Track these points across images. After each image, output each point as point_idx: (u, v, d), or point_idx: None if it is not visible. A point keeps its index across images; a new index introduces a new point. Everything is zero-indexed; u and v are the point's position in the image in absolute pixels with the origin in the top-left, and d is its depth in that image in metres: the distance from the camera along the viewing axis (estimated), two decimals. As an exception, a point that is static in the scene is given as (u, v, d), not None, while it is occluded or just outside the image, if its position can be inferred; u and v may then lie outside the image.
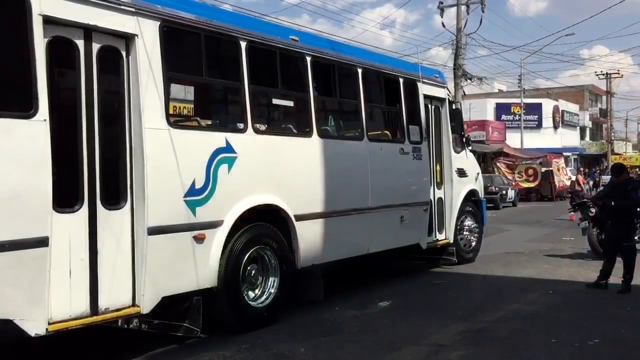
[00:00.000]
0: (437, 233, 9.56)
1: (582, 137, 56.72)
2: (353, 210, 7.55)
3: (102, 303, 4.85)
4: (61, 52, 4.78)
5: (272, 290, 6.32)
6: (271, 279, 6.35)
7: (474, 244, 10.45)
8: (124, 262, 5.04)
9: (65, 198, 4.65)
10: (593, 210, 10.30)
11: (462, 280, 8.94)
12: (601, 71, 50.24)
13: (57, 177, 4.47)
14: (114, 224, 4.98)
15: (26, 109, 4.37)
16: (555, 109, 48.99)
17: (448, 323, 6.33)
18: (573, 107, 53.64)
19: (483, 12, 25.64)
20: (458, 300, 7.56)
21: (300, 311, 6.75)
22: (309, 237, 6.79)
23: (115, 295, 4.95)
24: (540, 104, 47.24)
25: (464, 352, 5.34)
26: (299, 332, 6.01)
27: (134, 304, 5.08)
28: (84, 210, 4.78)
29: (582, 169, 41.76)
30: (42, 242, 4.37)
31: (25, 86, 4.40)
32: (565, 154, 41.96)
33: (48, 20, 4.54)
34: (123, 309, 5.01)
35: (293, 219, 6.55)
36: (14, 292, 4.27)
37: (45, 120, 4.42)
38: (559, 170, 32.60)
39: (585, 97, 58.30)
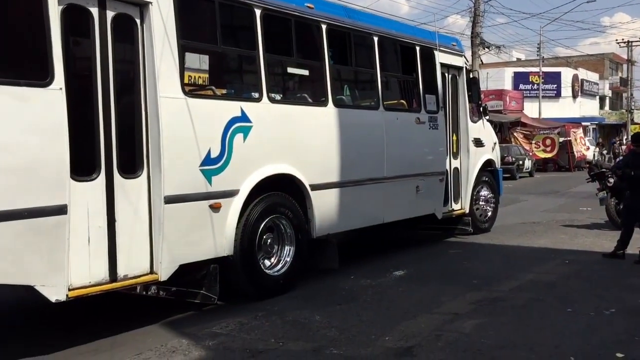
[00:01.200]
0: (453, 203, 9.53)
1: (602, 107, 55.84)
2: (368, 180, 7.54)
3: (121, 270, 4.92)
4: (76, 20, 4.77)
5: (288, 259, 6.37)
6: (287, 248, 6.39)
7: (489, 214, 10.41)
8: (142, 230, 5.09)
9: (82, 166, 4.68)
10: (611, 180, 10.19)
11: (477, 250, 8.94)
12: (622, 39, 49.27)
13: (74, 145, 4.50)
14: (131, 192, 5.02)
15: (42, 78, 4.38)
16: (575, 78, 48.16)
17: (463, 292, 6.35)
18: (593, 76, 52.70)
19: (502, -22, 25.10)
20: (473, 269, 7.57)
21: (316, 280, 6.81)
22: (325, 207, 6.81)
23: (133, 263, 5.01)
24: (559, 73, 46.46)
25: (478, 321, 5.36)
26: (314, 300, 6.07)
27: (151, 271, 5.14)
28: (101, 178, 4.82)
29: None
30: (61, 210, 4.42)
31: (41, 54, 4.41)
32: (584, 123, 41.37)
33: (62, -12, 4.51)
34: (141, 276, 5.08)
35: (308, 188, 6.55)
36: (34, 259, 4.35)
37: (61, 88, 4.43)
38: (577, 140, 32.23)
39: (606, 66, 57.24)
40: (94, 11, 4.81)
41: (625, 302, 5.99)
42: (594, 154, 32.65)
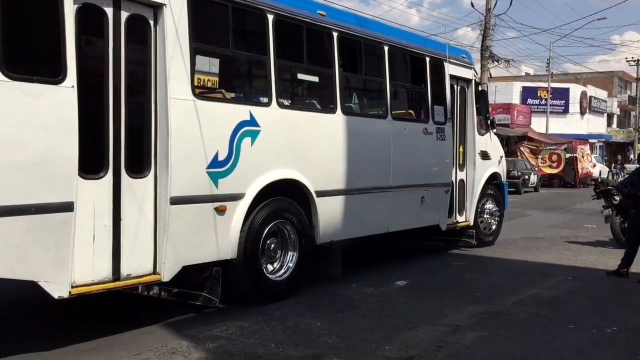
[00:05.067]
0: (458, 215, 9.53)
1: (609, 124, 55.75)
2: (374, 189, 7.54)
3: (124, 269, 4.93)
4: (90, 20, 4.80)
5: (291, 265, 6.38)
6: (290, 253, 6.40)
7: (494, 227, 10.39)
8: (146, 230, 5.11)
9: (90, 164, 4.70)
10: (617, 198, 10.16)
11: (480, 263, 8.92)
12: (632, 57, 49.23)
13: (83, 143, 4.52)
14: (138, 192, 5.04)
15: (55, 75, 4.41)
16: (583, 94, 48.12)
17: (465, 304, 6.33)
18: (601, 93, 52.64)
19: (514, -8, 25.21)
20: (476, 282, 7.55)
21: (318, 286, 6.80)
22: (329, 214, 6.81)
23: (136, 262, 5.02)
24: (567, 89, 46.44)
25: (479, 334, 5.35)
26: (316, 307, 6.06)
27: (154, 272, 5.15)
28: (109, 177, 4.84)
29: None
30: (67, 207, 4.44)
31: (55, 52, 4.44)
32: (591, 140, 41.31)
33: (78, -13, 4.55)
34: (144, 276, 5.09)
35: (314, 194, 6.56)
36: (39, 255, 4.36)
37: (73, 86, 4.46)
38: (583, 157, 32.16)
39: (614, 84, 57.18)
40: (109, 11, 4.84)
41: (628, 320, 5.96)
42: (610, 171, 32.01)
